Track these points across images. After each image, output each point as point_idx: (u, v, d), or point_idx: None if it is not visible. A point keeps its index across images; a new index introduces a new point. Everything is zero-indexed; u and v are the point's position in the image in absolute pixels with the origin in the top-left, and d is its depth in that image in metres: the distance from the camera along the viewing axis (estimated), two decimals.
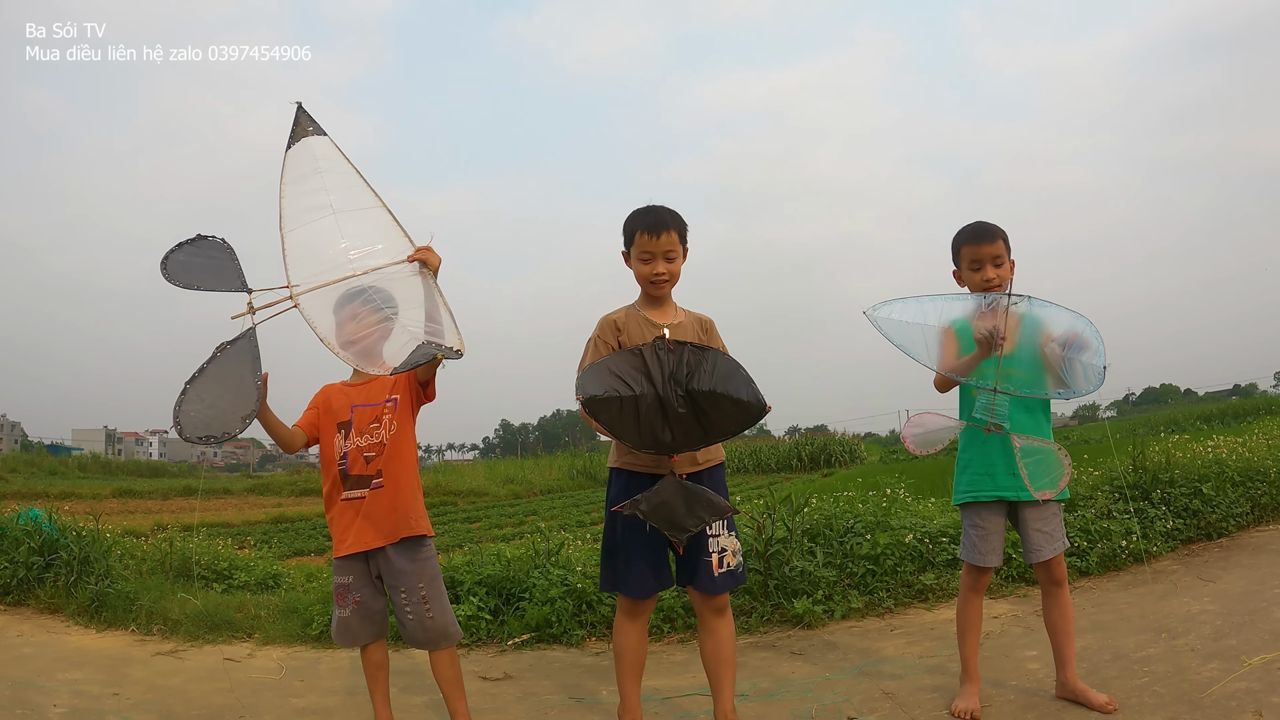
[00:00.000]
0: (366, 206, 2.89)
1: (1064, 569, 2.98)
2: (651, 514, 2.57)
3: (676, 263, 2.82)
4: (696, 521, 2.60)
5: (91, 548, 5.53)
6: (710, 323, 2.91)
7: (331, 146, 2.92)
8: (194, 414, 2.53)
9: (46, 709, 3.49)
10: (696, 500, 2.61)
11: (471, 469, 29.27)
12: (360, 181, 2.90)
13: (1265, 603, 3.90)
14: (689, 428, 2.55)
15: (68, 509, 7.17)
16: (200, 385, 2.57)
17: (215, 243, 2.81)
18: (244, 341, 2.65)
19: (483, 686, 3.67)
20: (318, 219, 2.84)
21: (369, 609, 2.90)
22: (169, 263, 2.73)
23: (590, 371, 2.58)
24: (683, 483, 2.62)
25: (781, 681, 3.49)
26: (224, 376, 2.60)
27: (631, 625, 2.80)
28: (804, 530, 4.87)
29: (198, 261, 2.77)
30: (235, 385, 2.60)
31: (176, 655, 4.39)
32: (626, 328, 2.79)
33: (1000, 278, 2.94)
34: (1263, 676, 2.97)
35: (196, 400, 2.55)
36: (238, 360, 2.63)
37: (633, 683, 2.82)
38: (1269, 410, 18.32)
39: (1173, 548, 5.16)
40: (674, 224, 2.80)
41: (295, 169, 2.87)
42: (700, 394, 2.52)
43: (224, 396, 2.58)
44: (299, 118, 2.93)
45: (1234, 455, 6.19)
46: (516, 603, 4.54)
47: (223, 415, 2.55)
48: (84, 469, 30.70)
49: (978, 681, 3.02)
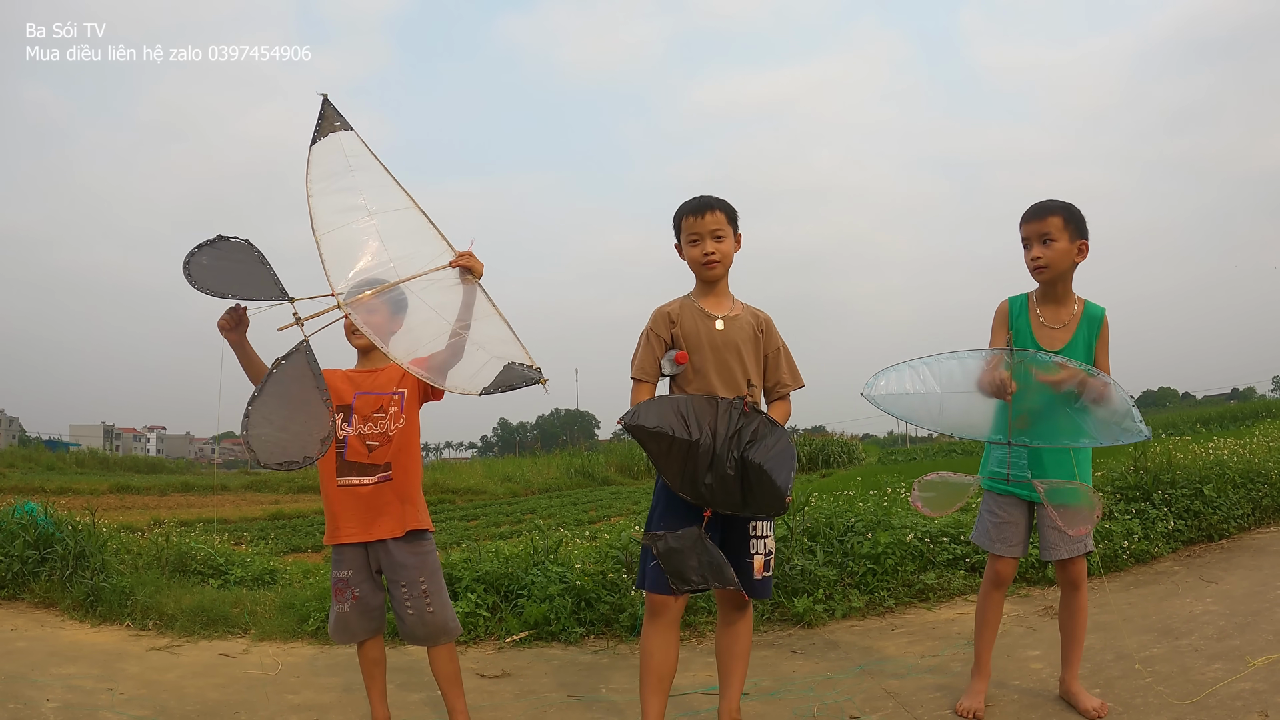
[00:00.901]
0: (401, 208, 2.76)
1: (1083, 572, 2.89)
2: (664, 554, 2.49)
3: (726, 242, 2.73)
4: (700, 581, 2.49)
5: (87, 542, 5.49)
6: (768, 321, 2.82)
7: (359, 143, 2.77)
8: (266, 437, 2.39)
9: (40, 703, 3.46)
10: (709, 562, 2.49)
11: (469, 467, 29.19)
12: (391, 181, 2.75)
13: (1268, 604, 3.88)
14: (731, 490, 2.46)
15: (64, 504, 7.13)
16: (265, 406, 2.42)
17: (239, 244, 2.58)
18: (299, 357, 2.50)
19: (481, 684, 3.64)
20: (353, 221, 2.70)
21: (368, 604, 2.86)
22: (192, 268, 2.51)
23: (654, 405, 2.51)
24: (704, 540, 2.51)
25: (783, 680, 3.46)
26: (287, 396, 2.46)
27: (654, 627, 2.62)
28: (804, 529, 4.85)
29: (224, 266, 2.52)
30: (302, 405, 2.46)
31: (171, 650, 4.36)
32: (681, 319, 2.72)
33: (1047, 259, 2.79)
34: (1268, 677, 2.95)
35: (264, 423, 2.41)
36: (298, 379, 2.48)
37: (654, 695, 2.60)
38: (1268, 414, 18.30)
39: (1174, 549, 5.14)
40: (719, 204, 2.73)
41: (323, 166, 2.69)
42: (752, 465, 2.44)
43: (294, 418, 2.44)
44: (325, 111, 2.75)
45: (1235, 457, 6.19)
46: (515, 600, 4.52)
47: (298, 439, 2.43)
48: (81, 465, 30.65)
49: (987, 679, 2.98)
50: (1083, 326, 2.86)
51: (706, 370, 2.68)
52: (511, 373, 2.56)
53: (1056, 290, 2.87)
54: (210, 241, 2.56)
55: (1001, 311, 2.94)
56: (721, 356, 2.68)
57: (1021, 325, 2.88)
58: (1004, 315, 2.93)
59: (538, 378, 2.58)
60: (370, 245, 2.69)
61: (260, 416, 2.40)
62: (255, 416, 2.40)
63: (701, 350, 2.69)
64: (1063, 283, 2.86)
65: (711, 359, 2.68)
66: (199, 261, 2.52)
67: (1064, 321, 2.86)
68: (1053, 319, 2.87)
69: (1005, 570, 2.95)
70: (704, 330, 2.69)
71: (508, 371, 2.56)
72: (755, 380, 2.72)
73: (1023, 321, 2.88)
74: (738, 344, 2.70)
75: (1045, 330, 2.86)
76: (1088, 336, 2.86)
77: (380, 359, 2.86)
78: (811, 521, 4.96)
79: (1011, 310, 2.92)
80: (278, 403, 2.44)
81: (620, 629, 4.32)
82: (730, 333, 2.71)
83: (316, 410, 2.47)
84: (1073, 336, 2.84)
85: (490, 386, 2.54)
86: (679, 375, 2.72)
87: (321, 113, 2.76)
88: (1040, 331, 2.86)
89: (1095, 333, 2.87)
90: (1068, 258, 2.80)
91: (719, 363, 2.68)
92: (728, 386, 2.67)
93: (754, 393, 2.68)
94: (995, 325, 2.95)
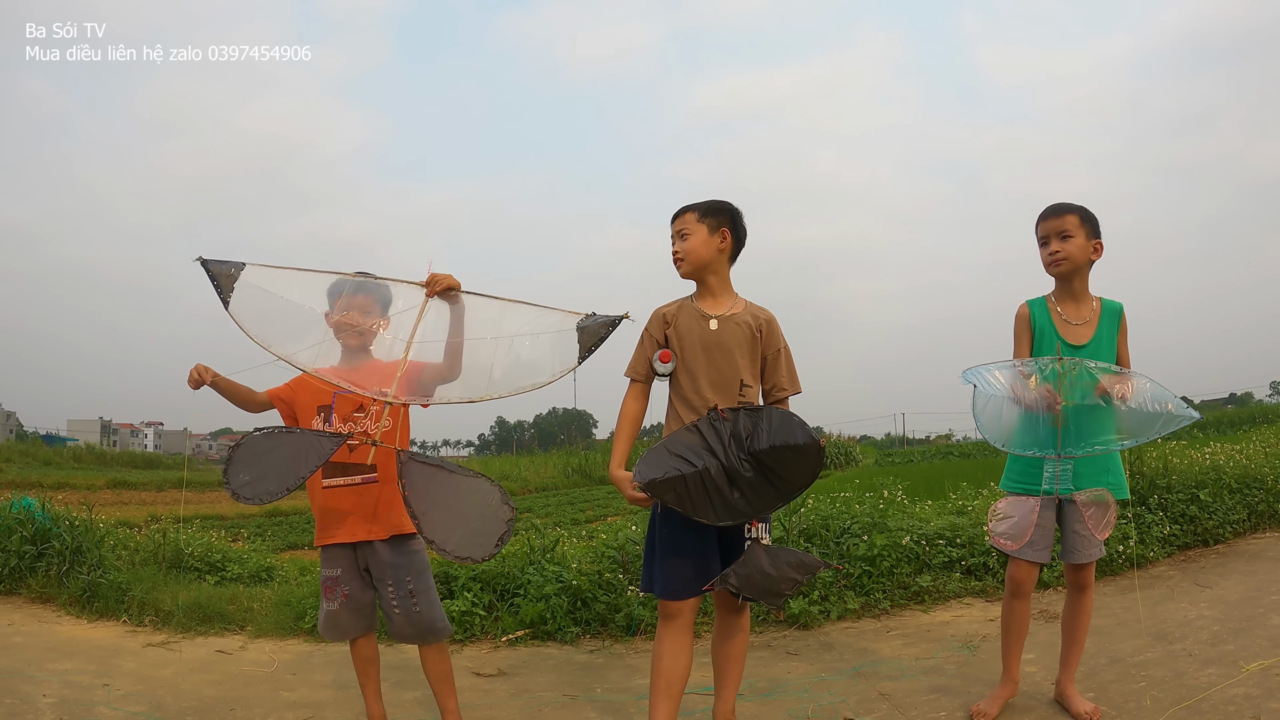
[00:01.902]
0: (360, 285, 2.75)
1: (1092, 575, 2.93)
2: (744, 585, 2.45)
3: (690, 239, 2.71)
4: (791, 584, 2.46)
5: (84, 538, 5.49)
6: (770, 321, 2.74)
7: (262, 268, 2.69)
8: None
9: (36, 699, 3.46)
10: (786, 559, 2.47)
11: (466, 465, 29.20)
12: (312, 273, 2.72)
13: (1262, 609, 3.89)
14: (760, 490, 2.45)
15: (61, 499, 7.14)
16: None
17: (259, 439, 2.59)
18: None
19: (476, 682, 3.65)
20: (325, 339, 2.72)
21: (357, 601, 2.86)
22: (243, 492, 2.54)
23: (648, 457, 2.49)
24: (767, 546, 2.49)
25: (777, 681, 3.47)
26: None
27: (665, 630, 2.57)
28: (800, 530, 4.86)
29: (263, 466, 2.56)
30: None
31: (168, 647, 4.36)
32: (677, 320, 2.71)
33: (1066, 252, 2.84)
34: (1261, 682, 2.96)
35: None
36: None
37: (663, 700, 2.53)
38: (1265, 419, 18.34)
39: (1169, 553, 5.16)
40: (693, 206, 2.74)
41: (254, 315, 2.62)
42: (762, 453, 2.43)
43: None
44: (210, 270, 2.63)
45: (1231, 462, 6.20)
46: (511, 599, 4.52)
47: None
48: (79, 460, 30.64)
49: (1012, 687, 2.94)
50: (1104, 321, 2.89)
51: (697, 371, 2.64)
52: (588, 333, 2.60)
53: (1074, 287, 2.90)
54: (230, 454, 2.57)
55: (1022, 315, 2.95)
56: (713, 357, 2.64)
57: (1045, 325, 2.89)
58: (1025, 318, 2.93)
59: (615, 318, 2.64)
60: (360, 339, 2.77)
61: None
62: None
63: (694, 351, 2.65)
64: (1080, 279, 2.90)
65: (703, 359, 2.64)
66: (240, 483, 2.53)
67: (1085, 317, 2.90)
68: (1075, 315, 2.90)
69: (1025, 577, 2.89)
70: (697, 330, 2.66)
71: (584, 334, 2.60)
72: (750, 381, 2.67)
73: (1045, 321, 2.90)
74: (731, 344, 2.65)
75: (1070, 327, 2.88)
76: (1110, 331, 2.89)
77: (362, 356, 2.86)
78: (808, 523, 4.97)
79: (1033, 312, 2.93)
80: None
81: (616, 629, 4.32)
82: (723, 333, 2.66)
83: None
84: (1095, 332, 2.87)
85: (582, 352, 2.58)
86: (672, 376, 2.70)
87: (210, 274, 2.64)
88: (1064, 329, 2.88)
89: (1116, 327, 2.90)
90: (1084, 253, 2.86)
91: (710, 363, 2.64)
92: (718, 387, 2.62)
93: (749, 393, 2.65)
94: (1018, 329, 2.95)
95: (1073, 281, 2.89)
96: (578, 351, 2.60)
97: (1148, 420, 2.66)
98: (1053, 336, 2.87)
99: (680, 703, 2.58)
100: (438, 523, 2.51)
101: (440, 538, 2.48)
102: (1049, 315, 2.90)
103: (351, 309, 2.80)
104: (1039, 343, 2.88)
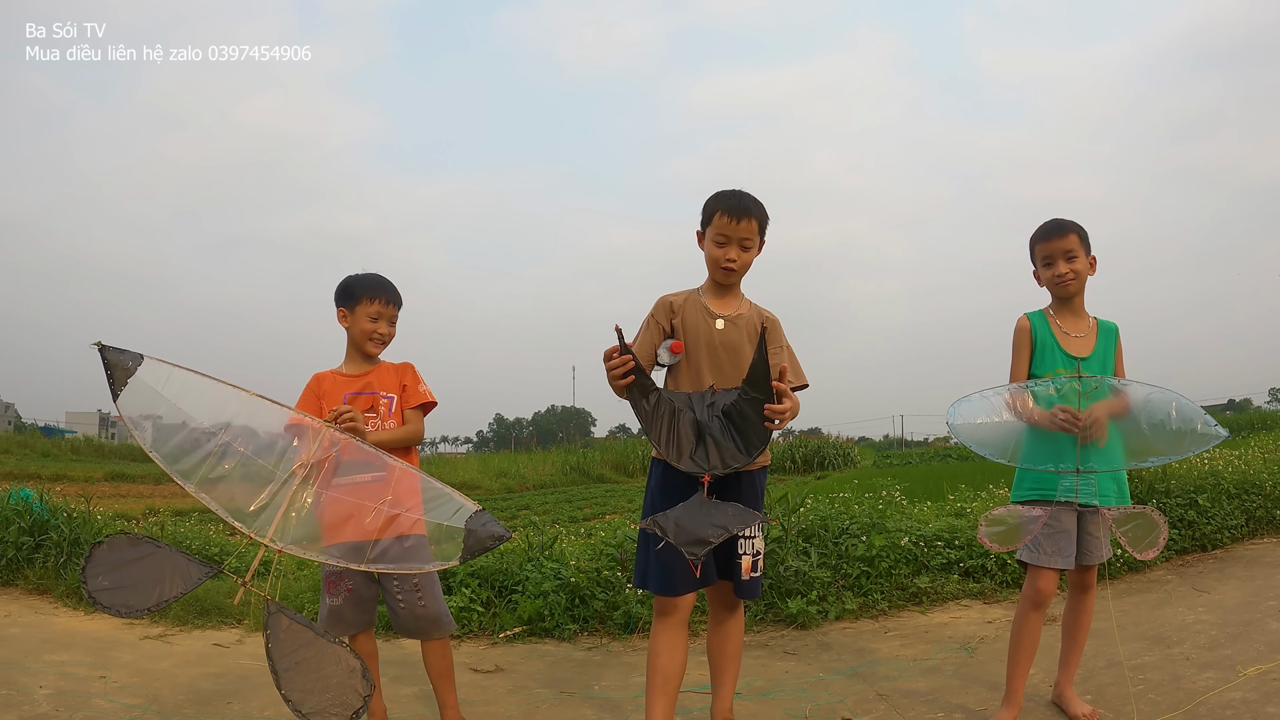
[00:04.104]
0: (245, 404, 2.47)
1: (1095, 576, 2.94)
2: (669, 530, 2.39)
3: (751, 253, 2.69)
4: (719, 531, 2.36)
5: (82, 529, 5.50)
6: (773, 321, 2.74)
7: (160, 364, 2.42)
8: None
9: (33, 690, 3.46)
10: (720, 511, 2.40)
11: (465, 462, 29.16)
12: (210, 380, 2.43)
13: (1260, 614, 3.89)
14: (720, 444, 2.46)
15: (60, 490, 7.14)
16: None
17: (119, 544, 2.35)
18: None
19: (474, 678, 3.65)
20: (210, 452, 2.42)
21: (361, 596, 2.86)
22: (100, 598, 2.27)
23: None
24: (707, 499, 2.43)
25: (775, 681, 3.47)
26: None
27: (660, 626, 2.56)
28: (799, 530, 4.86)
29: (126, 574, 2.33)
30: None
31: (165, 639, 4.36)
32: (684, 311, 2.68)
33: (1074, 271, 2.85)
34: (1258, 687, 2.96)
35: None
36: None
37: (660, 696, 2.52)
38: (1264, 425, 18.34)
39: (1167, 558, 5.16)
40: (756, 211, 2.67)
41: (141, 414, 2.42)
42: (730, 405, 2.45)
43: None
44: (107, 359, 2.37)
45: (1230, 468, 6.19)
46: (509, 596, 4.52)
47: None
48: (77, 451, 30.56)
49: (1017, 710, 2.80)
50: (1100, 339, 2.90)
51: (701, 367, 2.63)
52: (473, 539, 2.33)
53: (1074, 304, 2.92)
54: (91, 551, 2.30)
55: (1023, 327, 2.93)
56: (717, 355, 2.64)
57: (1046, 337, 2.89)
58: (1026, 330, 2.91)
59: (501, 535, 2.34)
60: (250, 467, 2.50)
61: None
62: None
63: (698, 348, 2.65)
64: (1080, 296, 2.93)
65: (707, 357, 2.64)
66: (99, 586, 2.29)
67: (1084, 330, 2.91)
68: (1074, 328, 2.90)
69: (1047, 586, 2.77)
70: (703, 328, 2.65)
71: (470, 538, 2.33)
72: None
73: (1046, 333, 2.89)
74: (735, 345, 2.65)
75: (1071, 340, 2.88)
76: (1105, 349, 2.90)
77: (372, 361, 2.99)
78: (806, 523, 4.97)
79: (1033, 324, 2.92)
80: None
81: (614, 626, 4.32)
82: (729, 334, 2.66)
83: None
84: (1094, 347, 2.88)
85: (465, 555, 2.34)
86: (673, 369, 2.69)
87: (106, 363, 2.38)
88: (1066, 342, 2.88)
89: (1112, 346, 2.92)
90: (1088, 271, 2.89)
91: (714, 361, 2.63)
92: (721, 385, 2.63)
93: None
94: (1018, 340, 2.93)
95: (1073, 299, 2.91)
96: (461, 552, 2.34)
97: (1174, 439, 2.59)
98: (1055, 349, 2.87)
99: (677, 699, 2.57)
100: (298, 683, 2.40)
101: (298, 698, 2.36)
102: (1049, 328, 2.90)
103: (382, 318, 2.95)
104: (1040, 355, 2.87)
